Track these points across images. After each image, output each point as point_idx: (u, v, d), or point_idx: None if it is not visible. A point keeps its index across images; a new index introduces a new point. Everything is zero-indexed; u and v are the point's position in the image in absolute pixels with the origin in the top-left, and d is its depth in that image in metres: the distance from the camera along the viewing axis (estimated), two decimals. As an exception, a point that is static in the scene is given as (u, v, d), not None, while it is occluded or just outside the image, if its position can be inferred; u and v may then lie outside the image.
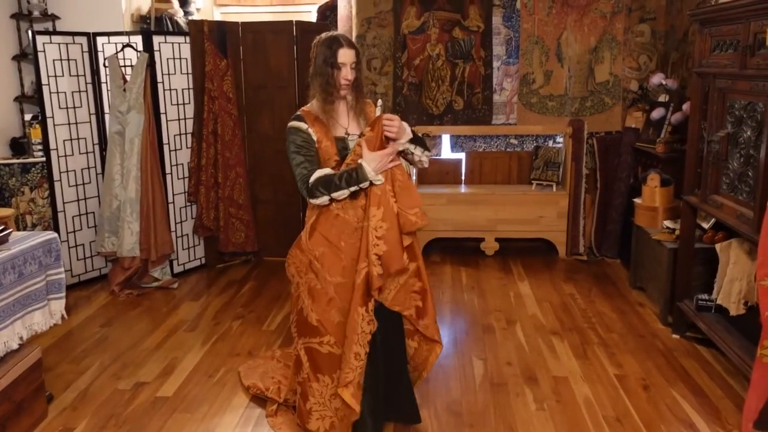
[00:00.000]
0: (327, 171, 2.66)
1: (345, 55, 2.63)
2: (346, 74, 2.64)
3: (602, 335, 3.92)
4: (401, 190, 2.69)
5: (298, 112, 2.76)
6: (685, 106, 4.58)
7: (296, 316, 2.81)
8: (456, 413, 3.08)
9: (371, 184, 2.61)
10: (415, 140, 2.76)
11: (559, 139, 5.63)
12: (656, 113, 4.93)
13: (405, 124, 2.73)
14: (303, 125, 2.69)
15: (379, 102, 2.84)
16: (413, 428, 2.97)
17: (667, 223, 4.26)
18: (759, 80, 3.01)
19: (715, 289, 3.59)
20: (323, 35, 2.70)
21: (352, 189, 2.61)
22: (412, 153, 2.78)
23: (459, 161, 5.75)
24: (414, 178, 5.52)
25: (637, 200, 4.62)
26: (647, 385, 3.32)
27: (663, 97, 5.01)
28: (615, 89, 5.47)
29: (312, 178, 2.64)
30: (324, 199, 2.64)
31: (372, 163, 2.59)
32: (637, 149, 5.16)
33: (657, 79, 4.98)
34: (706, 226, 3.92)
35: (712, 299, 3.62)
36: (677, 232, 4.00)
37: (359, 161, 2.61)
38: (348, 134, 2.74)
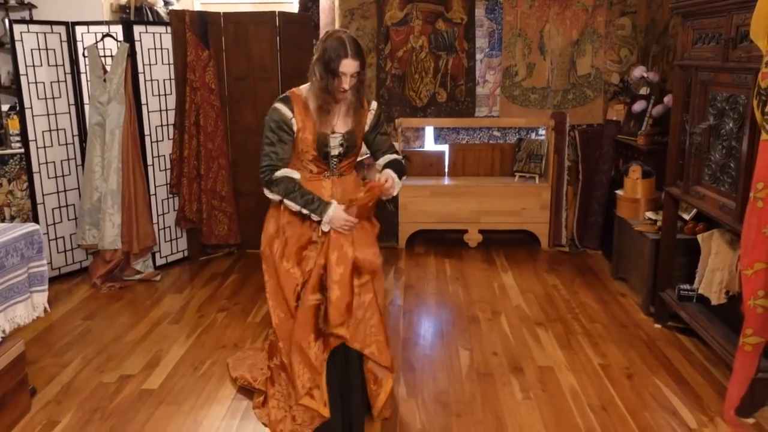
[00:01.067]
0: (296, 176, 2.68)
1: (347, 66, 2.54)
2: (345, 83, 2.57)
3: (586, 325, 3.96)
4: (358, 230, 2.72)
5: (287, 93, 2.70)
6: (666, 99, 4.63)
7: (269, 309, 2.87)
8: (443, 403, 3.10)
9: (319, 222, 2.67)
10: (398, 172, 2.80)
11: (542, 132, 5.67)
12: (637, 106, 4.99)
13: (393, 177, 2.74)
14: (288, 113, 2.64)
15: (374, 104, 2.81)
16: (402, 419, 2.97)
17: (649, 215, 4.32)
18: (741, 73, 3.05)
19: (696, 279, 3.65)
20: (334, 34, 2.58)
21: (304, 212, 2.65)
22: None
23: (442, 153, 5.76)
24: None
25: (619, 192, 4.66)
26: (631, 373, 3.37)
27: (644, 90, 5.06)
28: (596, 82, 5.51)
29: (279, 173, 2.65)
30: (275, 198, 2.68)
31: (334, 212, 2.63)
32: (619, 141, 5.21)
33: (638, 72, 5.03)
34: (687, 217, 3.98)
35: (694, 289, 3.67)
36: (659, 223, 4.05)
37: (331, 202, 2.65)
38: (333, 132, 2.70)
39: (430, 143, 5.82)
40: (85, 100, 4.75)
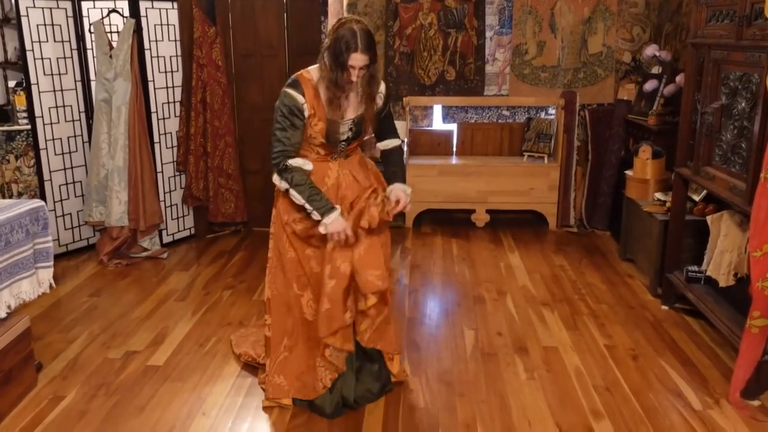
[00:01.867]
0: (308, 167, 2.66)
1: (356, 59, 2.51)
2: (353, 76, 2.55)
3: (592, 306, 3.94)
4: (367, 247, 2.69)
5: (297, 78, 2.65)
6: (678, 78, 4.56)
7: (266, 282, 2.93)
8: (447, 383, 3.10)
9: (318, 221, 2.63)
10: (400, 172, 2.88)
11: (551, 111, 5.60)
12: (649, 85, 4.91)
13: (403, 191, 2.76)
14: (299, 98, 2.60)
15: (382, 86, 2.77)
16: (405, 397, 2.98)
17: (658, 195, 4.27)
18: (754, 51, 2.99)
19: (705, 261, 3.61)
20: (347, 23, 2.52)
21: (307, 207, 2.62)
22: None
23: (450, 132, 5.71)
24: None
25: (628, 172, 4.61)
26: (636, 355, 3.35)
27: (656, 69, 4.98)
28: (608, 61, 5.43)
29: (293, 162, 2.63)
30: (284, 186, 2.65)
31: (336, 217, 2.60)
32: (629, 121, 5.15)
33: (650, 50, 4.95)
34: (697, 198, 3.93)
35: (702, 271, 3.64)
36: (668, 204, 4.01)
37: (336, 207, 2.62)
38: (343, 118, 2.68)
39: (438, 122, 5.77)
40: (92, 76, 4.73)
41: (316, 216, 2.62)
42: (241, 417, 2.83)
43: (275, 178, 2.66)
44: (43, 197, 4.56)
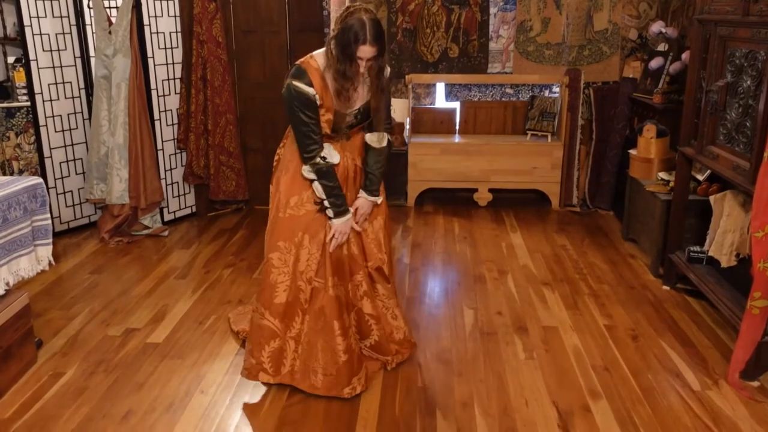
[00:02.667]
0: (336, 161, 2.70)
1: (365, 51, 2.49)
2: (361, 67, 2.54)
3: (593, 286, 3.93)
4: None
5: (303, 67, 2.60)
6: (685, 56, 4.49)
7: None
8: (446, 361, 3.10)
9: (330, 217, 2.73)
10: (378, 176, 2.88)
11: (556, 89, 5.54)
12: (655, 63, 4.84)
13: (367, 205, 2.84)
14: (310, 91, 2.57)
15: (387, 70, 2.73)
16: (403, 375, 2.98)
17: (662, 175, 4.23)
18: (761, 27, 2.93)
19: (707, 241, 3.58)
20: (356, 13, 2.48)
21: (326, 203, 2.70)
22: None
23: (453, 111, 5.66)
24: (407, 128, 5.46)
25: (632, 151, 4.57)
26: (636, 335, 3.34)
27: (662, 47, 4.91)
28: (613, 38, 5.35)
29: (326, 158, 2.64)
30: (312, 176, 2.67)
31: (345, 221, 2.73)
32: (634, 100, 5.09)
33: (657, 27, 4.87)
34: (700, 178, 3.89)
35: (704, 251, 3.61)
36: (671, 184, 3.97)
37: (349, 211, 2.76)
38: (351, 109, 2.67)
39: (441, 100, 5.72)
40: (91, 52, 4.70)
41: (329, 213, 2.69)
42: (239, 395, 2.83)
43: (305, 168, 2.67)
44: (43, 175, 4.55)
